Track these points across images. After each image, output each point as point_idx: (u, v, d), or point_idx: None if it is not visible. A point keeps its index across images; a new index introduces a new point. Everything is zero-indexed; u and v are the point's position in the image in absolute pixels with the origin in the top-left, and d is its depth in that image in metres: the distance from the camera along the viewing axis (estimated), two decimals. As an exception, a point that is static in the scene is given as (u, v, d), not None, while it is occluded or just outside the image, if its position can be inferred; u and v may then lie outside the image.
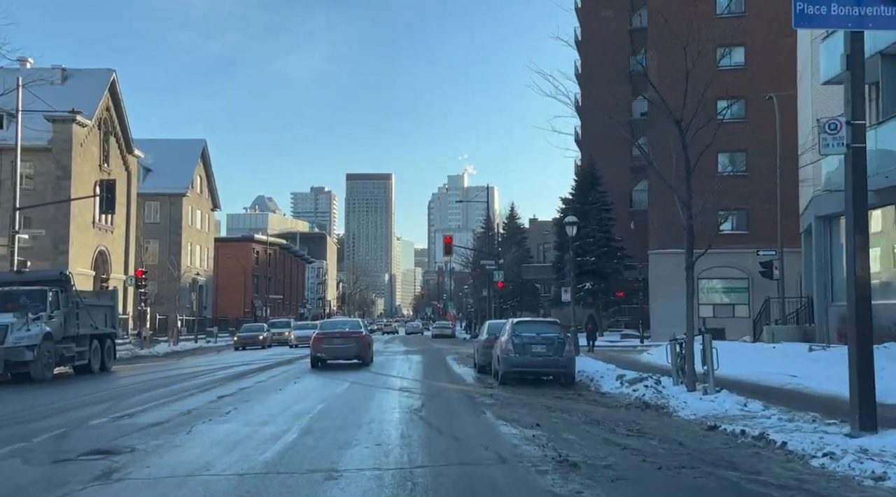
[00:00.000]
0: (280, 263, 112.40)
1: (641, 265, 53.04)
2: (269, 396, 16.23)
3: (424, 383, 19.43)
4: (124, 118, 57.28)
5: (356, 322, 28.21)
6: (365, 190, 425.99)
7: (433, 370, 24.64)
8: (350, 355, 26.40)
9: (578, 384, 19.19)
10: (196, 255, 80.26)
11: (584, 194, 50.31)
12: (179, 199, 75.15)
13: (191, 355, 42.62)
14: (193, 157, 79.17)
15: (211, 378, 22.47)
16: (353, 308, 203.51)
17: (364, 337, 26.59)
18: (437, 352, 38.59)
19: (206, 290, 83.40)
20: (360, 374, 22.87)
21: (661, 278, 44.56)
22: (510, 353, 18.78)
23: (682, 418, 12.55)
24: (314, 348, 26.39)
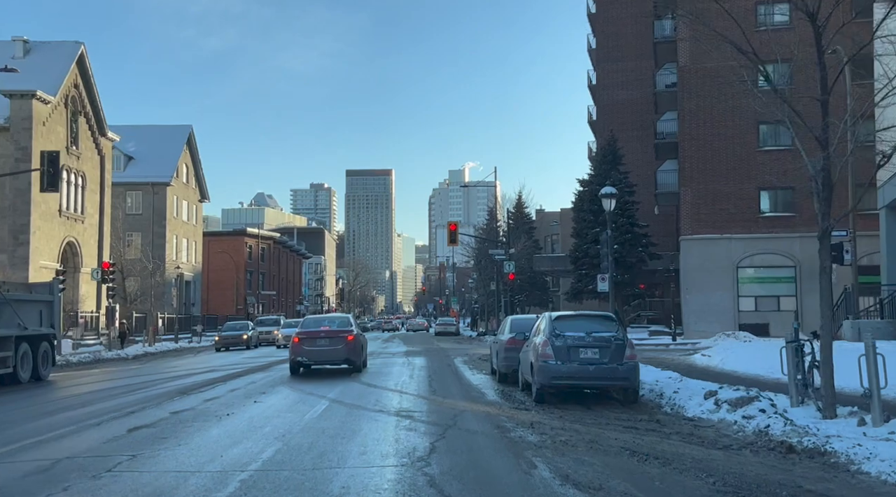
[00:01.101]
0: (275, 259, 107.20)
1: (668, 254, 47.81)
2: (203, 429, 11.04)
3: (431, 402, 14.23)
4: (96, 97, 52.05)
5: (345, 319, 23.04)
6: (365, 186, 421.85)
7: (441, 379, 19.45)
8: (337, 359, 21.28)
9: (644, 402, 13.99)
10: (182, 248, 75.01)
11: (604, 175, 45.07)
12: (163, 188, 69.96)
13: (163, 358, 37.57)
14: (178, 144, 73.93)
15: (157, 391, 17.38)
16: (353, 305, 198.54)
17: (354, 337, 21.41)
18: (442, 353, 33.43)
19: (193, 287, 78.19)
20: (346, 385, 17.72)
21: (695, 268, 39.38)
22: (550, 360, 13.61)
23: (877, 479, 7.34)
24: (293, 352, 21.27)
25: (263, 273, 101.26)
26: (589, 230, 44.56)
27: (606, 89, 59.92)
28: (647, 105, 56.50)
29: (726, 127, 39.43)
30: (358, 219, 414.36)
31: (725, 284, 38.95)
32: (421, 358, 29.16)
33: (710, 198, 39.49)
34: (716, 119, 39.64)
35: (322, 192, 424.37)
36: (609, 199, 23.27)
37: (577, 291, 45.31)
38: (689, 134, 40.13)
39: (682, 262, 40.24)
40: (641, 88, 57.80)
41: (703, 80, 39.79)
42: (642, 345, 38.51)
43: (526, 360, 15.25)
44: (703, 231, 39.42)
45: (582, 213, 45.65)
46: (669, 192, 46.57)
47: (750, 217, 38.95)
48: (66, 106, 48.36)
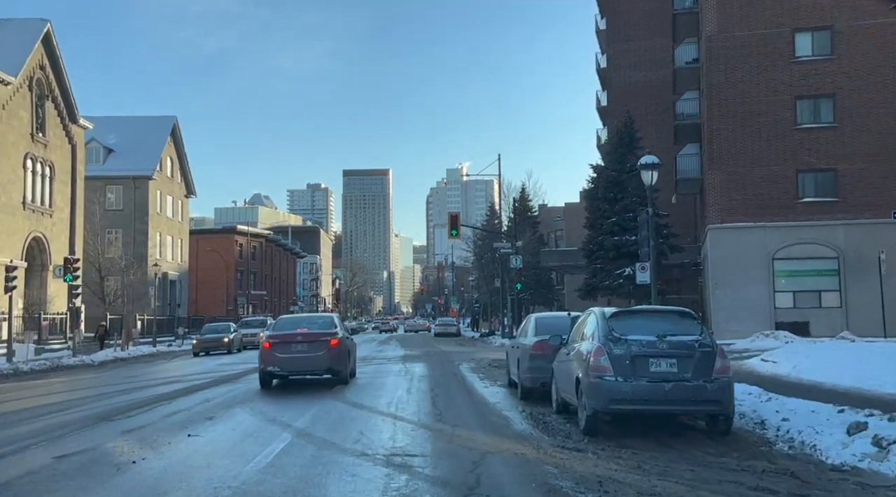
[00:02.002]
0: (267, 258, 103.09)
1: (689, 246, 43.68)
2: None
3: (438, 435, 10.06)
4: (65, 80, 47.86)
5: (327, 319, 18.91)
6: (362, 186, 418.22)
7: (448, 395, 15.28)
8: (318, 368, 17.19)
9: (740, 433, 9.86)
10: (167, 246, 70.88)
11: (620, 160, 41.01)
12: (145, 182, 65.81)
13: (132, 365, 33.45)
14: (162, 136, 69.73)
15: (77, 414, 13.35)
16: (350, 306, 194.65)
17: (339, 341, 17.29)
18: (444, 357, 29.29)
19: (179, 286, 74.03)
20: (325, 404, 13.62)
21: (725, 260, 35.29)
22: (607, 375, 9.51)
23: None
24: (263, 359, 17.18)
25: (255, 272, 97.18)
26: (604, 220, 40.48)
27: (618, 71, 55.83)
28: (662, 86, 52.43)
29: (759, 102, 35.39)
30: (355, 219, 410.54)
31: (760, 278, 34.86)
32: (421, 364, 25.04)
33: (741, 182, 35.40)
34: (747, 94, 35.59)
35: (319, 193, 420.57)
36: (649, 170, 19.09)
37: (592, 287, 41.21)
38: (717, 111, 36.03)
39: (711, 254, 36.14)
40: (656, 69, 53.74)
41: (732, 51, 35.77)
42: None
43: (566, 374, 11.14)
44: (734, 219, 35.32)
45: (596, 202, 41.59)
46: (690, 178, 42.48)
47: (787, 203, 34.87)
48: (30, 89, 44.20)
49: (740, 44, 35.60)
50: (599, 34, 61.57)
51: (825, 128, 34.76)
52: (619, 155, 41.46)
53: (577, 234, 71.44)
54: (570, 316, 14.99)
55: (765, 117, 35.31)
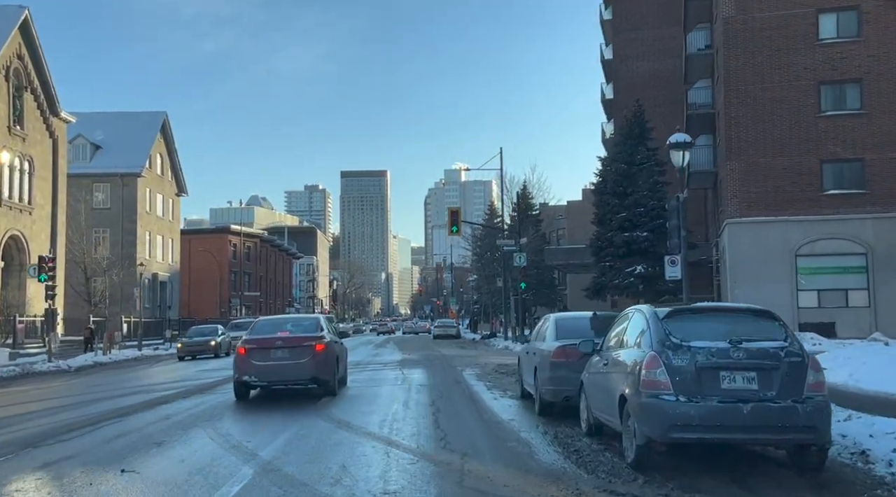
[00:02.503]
0: (263, 258, 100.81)
1: (702, 244, 41.34)
2: None
3: (444, 469, 7.75)
4: (45, 71, 45.57)
5: (313, 321, 16.52)
6: (360, 187, 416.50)
7: (452, 410, 12.92)
8: (301, 377, 14.92)
9: (837, 469, 7.56)
10: (157, 246, 68.64)
11: (630, 152, 38.73)
12: (134, 179, 63.59)
13: (111, 370, 31.26)
14: (151, 132, 67.46)
15: (4, 437, 10.96)
16: (348, 307, 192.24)
17: (326, 346, 15.00)
18: (445, 362, 26.98)
19: (170, 288, 71.69)
20: (303, 424, 11.29)
21: (744, 257, 32.98)
22: (665, 393, 7.22)
23: None
24: (238, 368, 14.90)
25: (249, 273, 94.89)
26: (613, 215, 38.18)
27: (624, 61, 53.56)
28: (671, 77, 50.21)
29: (780, 88, 33.09)
30: (353, 220, 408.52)
31: (781, 276, 32.56)
32: (420, 370, 22.72)
33: (761, 173, 33.12)
34: (767, 80, 33.29)
35: (316, 194, 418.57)
36: (680, 150, 16.81)
37: (601, 287, 38.91)
38: (735, 98, 33.75)
39: (728, 251, 33.85)
40: (664, 59, 51.53)
41: (750, 34, 33.49)
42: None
43: (603, 390, 8.83)
44: (753, 213, 33.03)
45: (605, 196, 39.29)
46: (703, 171, 40.15)
47: (810, 195, 32.58)
48: (6, 79, 41.94)
49: (760, 26, 33.33)
50: (604, 25, 59.36)
51: (851, 115, 32.48)
52: (629, 147, 39.19)
53: (579, 232, 69.08)
54: (595, 317, 12.72)
55: (786, 104, 33.03)
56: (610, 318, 13.39)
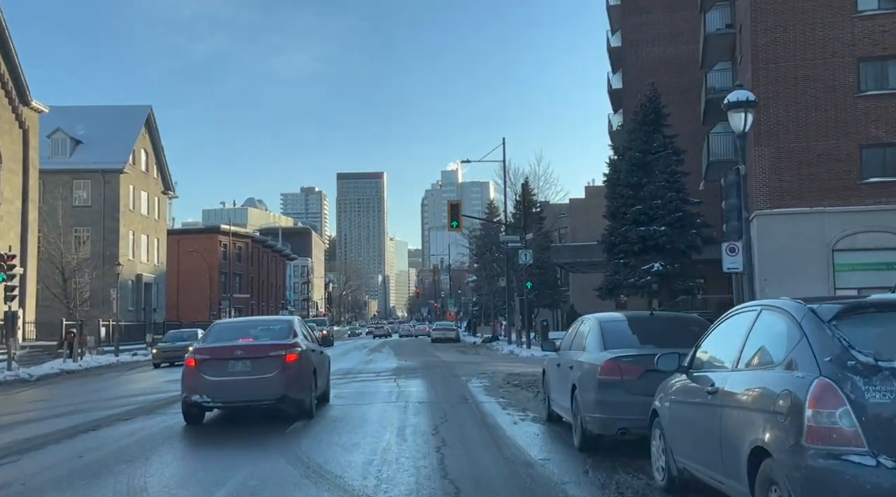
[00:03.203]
0: (254, 259, 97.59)
1: (721, 241, 38.15)
2: None
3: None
4: (14, 57, 42.30)
5: (284, 325, 13.17)
6: (356, 189, 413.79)
7: (464, 445, 9.55)
8: (267, 396, 11.69)
9: None
10: (142, 246, 65.31)
11: (645, 139, 35.61)
12: (116, 176, 60.24)
13: (76, 379, 28.20)
14: (135, 127, 64.18)
15: None
16: (344, 310, 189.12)
17: (299, 356, 11.83)
18: (447, 370, 23.76)
19: (156, 289, 68.44)
20: (255, 470, 8.07)
21: (776, 252, 29.86)
22: (855, 452, 4.10)
23: None
24: (188, 384, 11.72)
25: (240, 275, 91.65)
26: (627, 208, 35.03)
27: (634, 47, 50.46)
28: (684, 63, 47.18)
29: (814, 66, 29.94)
30: (349, 222, 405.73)
31: (818, 273, 29.42)
32: (418, 381, 19.51)
33: (794, 160, 29.98)
34: (800, 57, 30.17)
35: (313, 196, 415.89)
36: (742, 110, 13.68)
37: (614, 286, 35.75)
38: (764, 77, 30.62)
39: (757, 246, 30.63)
40: (676, 44, 48.49)
41: (781, 7, 30.33)
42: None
43: (708, 432, 5.58)
44: (785, 203, 29.89)
45: (617, 188, 36.14)
46: (724, 160, 37.03)
47: (849, 184, 29.44)
48: (-32, 64, 38.75)
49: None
50: (610, 10, 56.28)
51: (894, 95, 29.40)
52: (644, 134, 36.03)
53: (582, 231, 66.00)
54: (653, 317, 9.61)
55: (821, 84, 29.89)
56: (675, 320, 10.26)
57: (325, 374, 14.39)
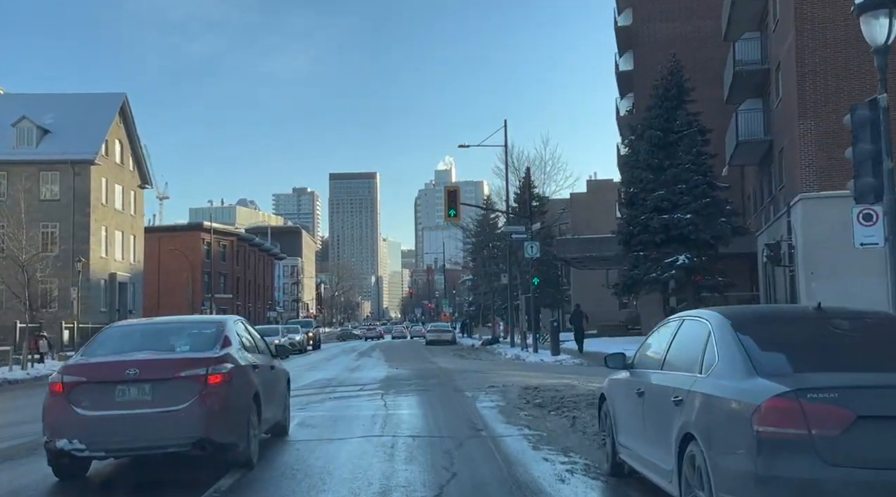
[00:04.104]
0: (240, 258, 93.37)
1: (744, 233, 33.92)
2: None
3: None
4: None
5: (209, 329, 8.88)
6: (349, 190, 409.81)
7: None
8: (172, 441, 7.47)
9: None
10: (116, 243, 60.94)
11: (667, 117, 31.62)
12: (87, 167, 55.91)
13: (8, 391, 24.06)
14: (108, 115, 59.77)
15: None
16: (336, 311, 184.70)
17: (227, 376, 7.73)
18: (447, 381, 19.51)
19: (132, 290, 64.11)
20: None
21: (824, 241, 25.80)
22: None
23: None
24: (52, 423, 7.53)
25: (225, 274, 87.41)
26: (647, 194, 31.00)
27: (646, 24, 46.48)
28: (702, 38, 43.29)
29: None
30: (342, 223, 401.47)
31: (873, 265, 25.14)
32: (411, 399, 15.30)
33: (845, 135, 25.87)
34: (850, 18, 26.16)
35: (305, 197, 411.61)
36: (881, 13, 9.52)
37: (633, 281, 31.68)
38: (810, 41, 26.67)
39: (802, 234, 26.64)
40: (692, 19, 44.62)
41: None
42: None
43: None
44: (835, 185, 25.77)
45: (636, 172, 32.10)
46: (754, 140, 33.02)
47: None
48: None
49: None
50: (618, -12, 52.27)
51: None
52: (665, 110, 32.01)
53: (583, 227, 61.88)
54: (827, 318, 5.43)
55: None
56: (866, 321, 6.00)
57: (280, 398, 10.26)
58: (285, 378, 10.89)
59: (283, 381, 10.68)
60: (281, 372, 10.61)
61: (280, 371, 10.56)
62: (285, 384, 10.81)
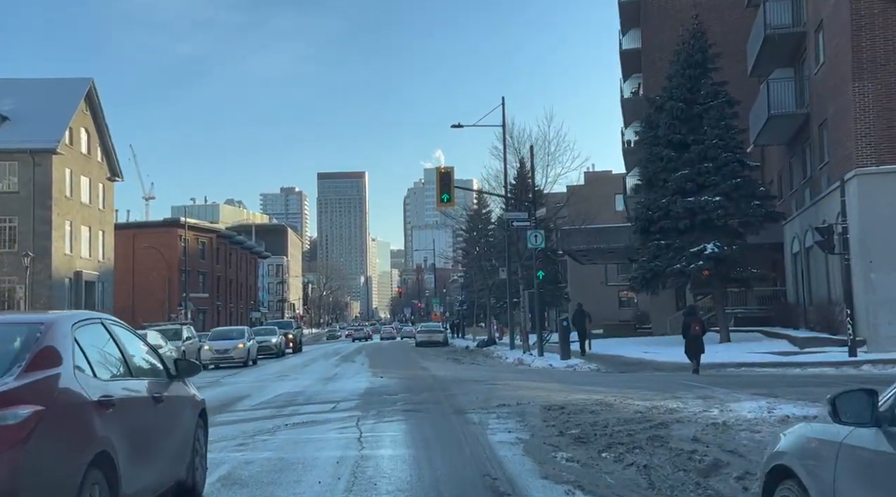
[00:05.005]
0: (222, 257, 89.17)
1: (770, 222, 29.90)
2: None
3: None
4: None
5: (12, 339, 5.04)
6: (337, 189, 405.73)
7: None
8: None
9: None
10: (82, 238, 56.68)
11: (690, 86, 27.66)
12: (48, 156, 51.74)
13: None
14: (72, 102, 55.53)
15: None
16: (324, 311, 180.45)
17: (19, 427, 3.88)
18: (443, 396, 15.31)
19: (101, 289, 59.81)
20: None
21: (885, 224, 22.01)
22: None
23: None
24: None
25: (204, 273, 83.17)
26: (669, 174, 27.02)
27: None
28: (719, 6, 39.38)
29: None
30: (330, 223, 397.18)
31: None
32: (396, 429, 11.07)
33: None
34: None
35: (293, 196, 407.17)
36: None
37: (654, 274, 27.63)
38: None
39: (859, 216, 22.66)
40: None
41: None
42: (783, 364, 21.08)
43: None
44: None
45: (655, 149, 28.08)
46: (785, 114, 29.08)
47: None
48: None
49: None
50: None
51: None
52: (689, 79, 28.03)
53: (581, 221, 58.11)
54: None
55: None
56: None
57: (176, 446, 6.17)
58: (192, 412, 6.81)
59: (186, 419, 6.59)
60: (182, 403, 6.54)
61: (180, 401, 6.49)
62: (191, 422, 6.72)
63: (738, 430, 9.64)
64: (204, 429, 7.25)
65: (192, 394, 6.98)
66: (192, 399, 6.93)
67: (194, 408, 6.94)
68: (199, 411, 7.09)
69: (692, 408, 11.81)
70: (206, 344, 30.35)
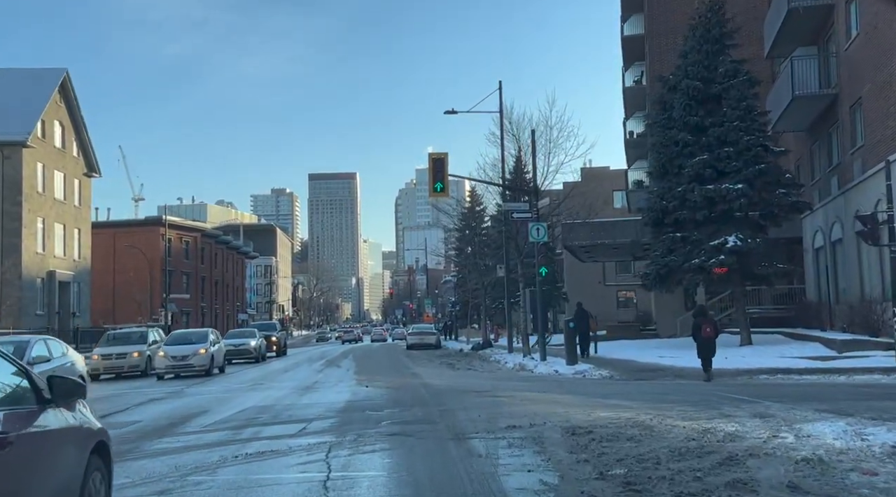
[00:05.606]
0: (207, 257, 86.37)
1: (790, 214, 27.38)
2: None
3: None
4: None
5: None
6: (328, 190, 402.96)
7: None
8: None
9: None
10: (55, 237, 53.87)
11: (708, 65, 25.04)
12: (18, 149, 49.01)
13: None
14: (44, 93, 52.77)
15: None
16: (314, 313, 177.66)
17: None
18: (439, 415, 12.64)
19: (77, 290, 56.99)
20: None
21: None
22: None
23: None
24: None
25: (188, 273, 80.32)
26: (685, 160, 24.43)
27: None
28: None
29: None
30: (322, 224, 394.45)
31: None
32: (376, 466, 8.37)
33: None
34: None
35: (284, 197, 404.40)
36: None
37: (669, 270, 24.99)
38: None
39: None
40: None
41: None
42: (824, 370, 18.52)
43: None
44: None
45: (670, 132, 25.46)
46: (811, 95, 26.58)
47: None
48: None
49: None
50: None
51: None
52: (706, 55, 25.43)
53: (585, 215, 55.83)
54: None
55: None
56: None
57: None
58: (80, 449, 4.32)
59: (66, 460, 4.08)
60: (59, 438, 4.01)
61: (56, 437, 3.93)
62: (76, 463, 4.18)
63: (841, 469, 7.06)
64: (103, 471, 4.72)
65: (78, 423, 4.42)
66: (78, 430, 4.38)
67: (84, 442, 4.41)
68: (94, 447, 4.52)
69: (755, 432, 9.24)
70: (160, 349, 26.49)
